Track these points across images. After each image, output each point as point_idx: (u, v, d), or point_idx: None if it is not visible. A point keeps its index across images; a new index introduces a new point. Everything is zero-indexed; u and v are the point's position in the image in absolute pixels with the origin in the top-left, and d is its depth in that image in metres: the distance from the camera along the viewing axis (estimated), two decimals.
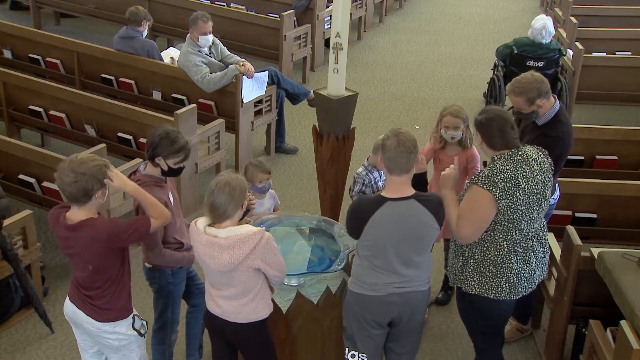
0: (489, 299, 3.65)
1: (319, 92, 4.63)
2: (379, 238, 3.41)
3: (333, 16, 4.54)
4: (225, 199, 3.28)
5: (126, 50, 6.86)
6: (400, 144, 3.35)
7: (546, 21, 6.87)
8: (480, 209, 3.52)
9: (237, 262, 3.30)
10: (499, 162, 3.55)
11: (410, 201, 3.40)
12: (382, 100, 8.45)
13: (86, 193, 3.25)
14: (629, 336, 3.41)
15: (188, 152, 3.81)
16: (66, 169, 3.24)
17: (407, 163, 3.36)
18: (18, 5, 10.98)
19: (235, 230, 3.32)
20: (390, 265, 3.45)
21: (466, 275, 3.69)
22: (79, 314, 3.51)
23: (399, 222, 3.40)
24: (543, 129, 4.17)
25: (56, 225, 3.38)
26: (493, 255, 3.60)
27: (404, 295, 3.50)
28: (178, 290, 4.05)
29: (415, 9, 12.31)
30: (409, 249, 3.44)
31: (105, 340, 3.53)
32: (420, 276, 3.53)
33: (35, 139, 6.87)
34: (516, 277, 3.61)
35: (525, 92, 4.06)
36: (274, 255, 3.39)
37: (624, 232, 5.10)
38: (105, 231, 3.29)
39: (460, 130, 4.50)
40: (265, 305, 3.52)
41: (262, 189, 4.46)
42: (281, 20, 8.09)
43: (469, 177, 4.19)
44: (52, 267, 5.30)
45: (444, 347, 4.69)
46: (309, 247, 4.29)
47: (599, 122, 7.68)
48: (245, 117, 6.55)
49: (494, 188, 3.48)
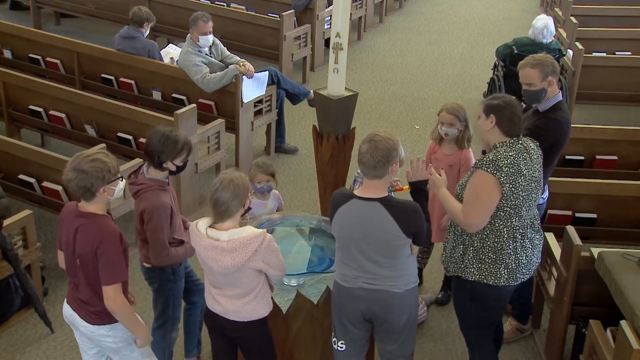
0: (488, 285, 3.68)
1: (319, 92, 4.63)
2: (341, 232, 3.49)
3: (333, 16, 4.54)
4: (229, 196, 3.30)
5: (127, 50, 6.86)
6: (369, 151, 3.37)
7: (547, 21, 6.87)
8: (486, 193, 3.54)
9: (239, 264, 3.31)
10: (501, 149, 3.59)
11: (374, 203, 3.41)
12: (382, 100, 8.45)
13: (87, 190, 3.26)
14: (629, 336, 3.41)
15: (191, 146, 3.85)
16: (69, 167, 3.28)
17: (373, 171, 3.38)
18: (18, 5, 10.99)
19: (237, 232, 3.33)
20: (356, 261, 3.49)
21: (466, 263, 3.70)
22: (75, 316, 3.51)
23: (358, 221, 3.42)
24: (543, 114, 4.23)
25: (65, 213, 3.41)
26: (492, 242, 3.63)
27: (374, 292, 3.50)
28: (178, 288, 4.06)
29: (415, 9, 12.31)
30: (371, 249, 3.44)
31: (103, 343, 3.53)
32: (392, 277, 3.49)
33: (35, 139, 6.87)
34: (514, 263, 3.65)
35: (542, 64, 4.15)
36: (275, 257, 3.40)
37: (624, 232, 5.10)
38: (100, 238, 3.27)
39: (455, 127, 4.48)
40: (265, 304, 3.53)
41: (261, 189, 4.46)
42: (281, 20, 8.09)
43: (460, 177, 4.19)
44: (52, 267, 5.30)
45: (444, 347, 4.69)
46: (309, 247, 4.29)
47: (599, 122, 7.67)
48: (245, 117, 6.55)
49: (498, 172, 3.51)
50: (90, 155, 3.31)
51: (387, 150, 3.36)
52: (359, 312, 3.57)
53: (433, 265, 5.29)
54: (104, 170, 3.27)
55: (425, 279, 5.26)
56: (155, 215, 3.73)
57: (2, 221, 4.41)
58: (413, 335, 3.70)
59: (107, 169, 3.29)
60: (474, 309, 3.80)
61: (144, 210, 3.73)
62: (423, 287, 5.21)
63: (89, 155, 3.31)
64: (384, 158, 3.35)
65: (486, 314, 3.83)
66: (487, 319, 3.86)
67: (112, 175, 3.31)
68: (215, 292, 3.52)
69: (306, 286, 3.99)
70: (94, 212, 3.32)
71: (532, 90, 4.20)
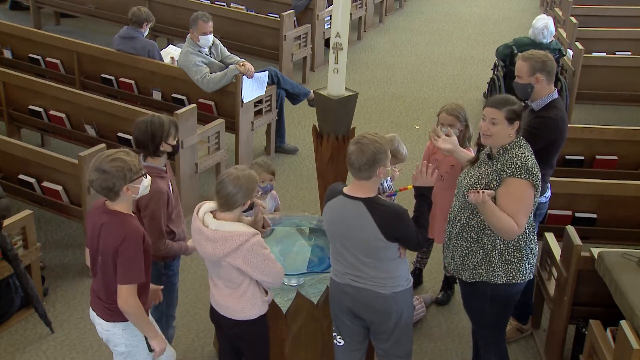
0: (513, 285, 3.68)
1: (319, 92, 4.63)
2: (328, 226, 3.54)
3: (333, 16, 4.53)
4: (231, 189, 3.34)
5: (127, 50, 6.86)
6: (354, 152, 3.36)
7: (547, 21, 6.87)
8: (528, 198, 3.55)
9: (218, 256, 3.35)
10: (518, 151, 3.58)
11: (358, 203, 3.40)
12: (382, 100, 8.45)
13: (110, 190, 3.27)
14: (629, 336, 3.41)
15: (176, 123, 3.92)
16: (91, 167, 3.29)
17: (359, 173, 3.38)
18: (18, 5, 10.98)
19: (223, 225, 3.36)
20: (342, 256, 3.51)
21: (493, 266, 3.65)
22: (93, 315, 3.53)
23: (341, 218, 3.45)
24: (538, 113, 4.22)
25: (93, 210, 3.43)
26: (517, 241, 3.64)
27: (360, 290, 3.51)
28: (172, 283, 4.04)
29: (415, 9, 12.31)
30: (354, 248, 3.45)
31: (115, 342, 3.51)
32: (379, 277, 3.47)
33: (35, 139, 6.87)
34: (533, 256, 3.72)
35: (532, 59, 4.16)
36: (260, 260, 3.38)
37: (624, 232, 5.10)
38: (122, 237, 3.26)
39: (455, 128, 4.46)
40: (254, 306, 3.52)
41: (264, 188, 4.50)
42: (281, 20, 8.09)
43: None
44: (52, 267, 5.30)
45: (444, 347, 4.69)
46: (309, 247, 4.29)
47: (599, 122, 7.69)
48: (245, 117, 6.55)
49: (531, 176, 3.53)
50: (111, 155, 3.30)
51: (373, 154, 3.34)
52: (347, 308, 3.59)
53: (433, 266, 5.29)
54: (124, 169, 3.26)
55: (425, 279, 5.26)
56: (153, 201, 3.73)
57: (2, 221, 4.41)
58: (407, 336, 3.65)
59: (128, 168, 3.27)
60: (494, 311, 3.78)
61: (141, 197, 3.73)
62: (423, 287, 5.21)
63: (110, 155, 3.30)
64: (368, 162, 3.34)
65: (506, 314, 3.86)
66: (506, 317, 3.89)
67: (133, 173, 3.29)
68: (210, 284, 3.60)
69: (306, 286, 4.00)
70: (118, 211, 3.33)
71: (519, 83, 4.21)
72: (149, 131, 3.76)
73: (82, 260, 5.33)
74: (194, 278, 5.21)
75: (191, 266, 5.30)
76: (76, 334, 4.66)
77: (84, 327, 4.71)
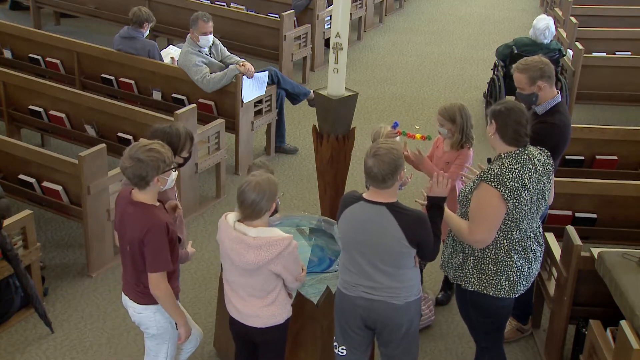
0: (489, 296, 3.65)
1: (319, 92, 4.63)
2: (345, 234, 3.47)
3: (333, 16, 4.54)
4: (254, 196, 3.31)
5: (127, 50, 6.86)
6: (375, 165, 3.32)
7: (549, 21, 6.87)
8: (492, 207, 3.49)
9: (261, 263, 3.32)
10: (507, 161, 3.54)
11: (381, 207, 3.37)
12: (382, 100, 8.45)
13: (142, 179, 3.32)
14: (629, 336, 3.41)
15: (192, 135, 3.92)
16: (125, 155, 3.34)
17: (383, 183, 3.35)
18: (18, 5, 10.98)
19: (265, 231, 3.35)
20: (357, 265, 3.46)
21: (466, 272, 3.68)
22: (126, 299, 3.61)
23: (362, 224, 3.40)
24: (541, 118, 4.19)
25: (121, 196, 3.49)
26: (493, 253, 3.60)
27: (373, 302, 3.47)
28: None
29: (415, 9, 12.31)
30: (372, 254, 3.41)
31: (147, 325, 3.60)
32: (394, 287, 3.45)
33: (35, 139, 6.88)
34: (516, 275, 3.61)
35: (528, 69, 4.11)
36: (295, 264, 3.43)
37: (624, 232, 5.10)
38: (147, 227, 3.33)
39: (445, 128, 4.44)
40: (283, 311, 3.55)
41: None
42: (281, 20, 8.09)
43: (450, 175, 4.15)
44: (52, 267, 5.30)
45: (444, 347, 4.69)
46: (309, 247, 4.30)
47: (599, 122, 7.69)
48: (245, 117, 6.56)
49: (502, 187, 3.46)
50: (147, 145, 3.37)
51: (393, 162, 3.32)
52: (360, 319, 3.55)
53: (433, 265, 5.28)
54: (159, 160, 3.33)
55: (425, 279, 5.25)
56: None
57: (2, 221, 4.41)
58: (415, 342, 3.66)
59: (162, 159, 3.34)
60: (478, 317, 3.78)
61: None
62: (423, 287, 5.19)
63: (146, 145, 3.37)
64: (391, 170, 3.32)
65: (491, 320, 3.80)
66: (493, 324, 3.83)
67: (166, 165, 3.37)
68: (232, 297, 3.54)
69: (306, 286, 4.00)
70: (143, 202, 3.39)
71: (523, 93, 4.18)
72: (165, 141, 3.73)
73: (82, 260, 5.33)
74: (194, 278, 5.21)
75: (191, 266, 5.30)
76: (76, 334, 4.66)
77: (84, 327, 4.71)
